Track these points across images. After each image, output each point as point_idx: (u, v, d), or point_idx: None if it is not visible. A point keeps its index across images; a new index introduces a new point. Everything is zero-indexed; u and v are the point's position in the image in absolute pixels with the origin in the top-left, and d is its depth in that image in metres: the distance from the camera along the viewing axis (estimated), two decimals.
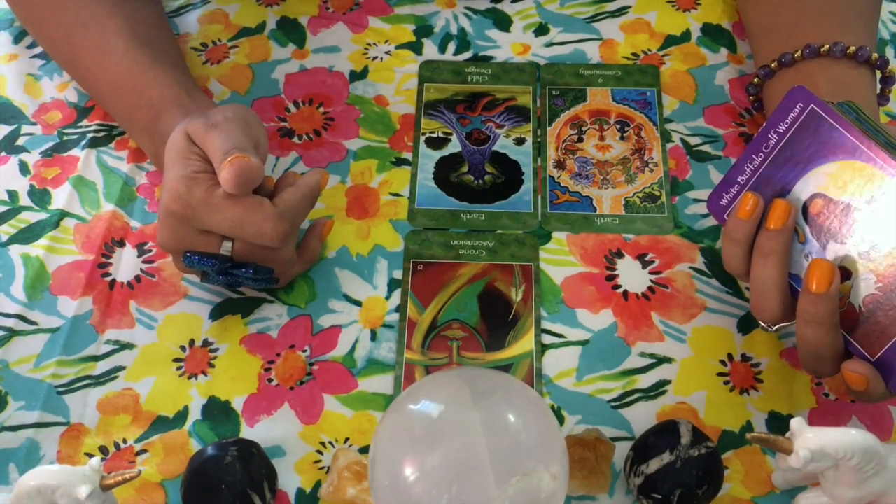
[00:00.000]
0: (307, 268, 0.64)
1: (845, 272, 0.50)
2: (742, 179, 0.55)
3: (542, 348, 0.61)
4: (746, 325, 0.61)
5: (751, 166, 0.54)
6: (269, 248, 0.58)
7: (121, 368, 0.60)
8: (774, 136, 0.53)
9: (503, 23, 0.78)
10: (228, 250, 0.57)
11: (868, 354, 0.50)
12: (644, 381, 0.59)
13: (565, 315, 0.62)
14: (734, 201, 0.56)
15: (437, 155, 0.70)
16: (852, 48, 0.61)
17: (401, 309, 0.62)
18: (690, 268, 0.64)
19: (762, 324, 0.55)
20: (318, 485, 0.56)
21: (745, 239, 0.53)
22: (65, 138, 0.72)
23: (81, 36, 0.68)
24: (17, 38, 0.78)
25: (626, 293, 0.63)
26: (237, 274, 0.58)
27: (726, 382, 0.59)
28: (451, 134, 0.71)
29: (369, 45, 0.76)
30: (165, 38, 0.71)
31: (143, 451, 0.57)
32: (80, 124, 0.72)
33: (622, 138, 0.70)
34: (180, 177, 0.56)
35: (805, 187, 0.52)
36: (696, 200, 0.67)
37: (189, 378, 0.60)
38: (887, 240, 0.49)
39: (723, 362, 0.60)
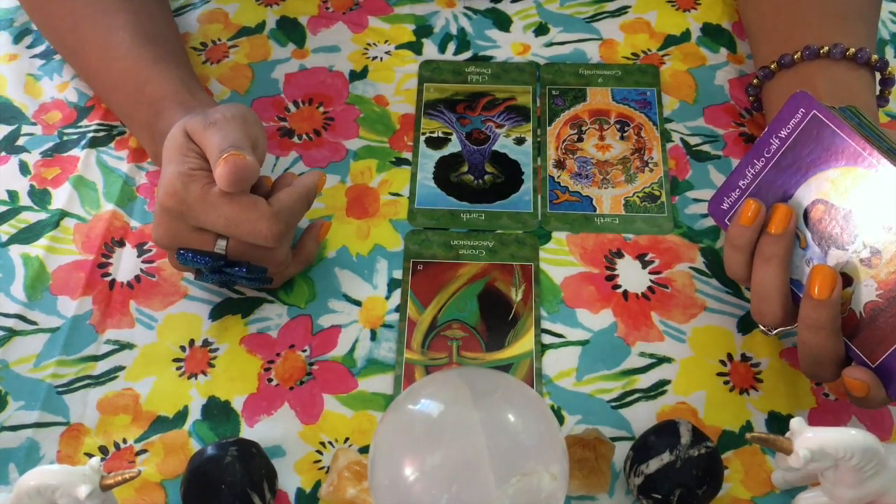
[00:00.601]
0: (302, 269, 0.64)
1: (846, 278, 0.50)
2: (743, 184, 0.55)
3: (542, 348, 0.61)
4: (746, 325, 0.61)
5: (752, 171, 0.54)
6: (263, 248, 0.58)
7: (121, 368, 0.60)
8: (776, 141, 0.53)
9: (503, 22, 0.78)
10: (223, 248, 0.57)
11: (868, 361, 0.50)
12: (644, 380, 0.59)
13: (565, 315, 0.62)
14: (735, 206, 0.56)
15: (436, 155, 0.70)
16: (852, 50, 0.61)
17: (401, 309, 0.62)
18: (690, 268, 0.64)
19: (762, 328, 0.55)
20: (318, 485, 0.56)
21: (747, 245, 0.53)
22: (65, 138, 0.72)
23: (88, 28, 0.68)
24: (17, 38, 0.78)
25: (625, 293, 0.63)
26: (230, 272, 0.58)
27: (726, 382, 0.59)
28: (450, 134, 0.71)
29: (369, 44, 0.76)
30: (171, 36, 0.71)
31: (143, 451, 0.57)
32: (80, 124, 0.72)
33: (622, 138, 0.70)
34: (177, 173, 0.56)
35: (807, 193, 0.52)
36: (696, 200, 0.67)
37: (189, 378, 0.60)
38: (888, 247, 0.49)
39: (722, 362, 0.60)
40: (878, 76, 0.64)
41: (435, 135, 0.71)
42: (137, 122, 0.66)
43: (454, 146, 0.70)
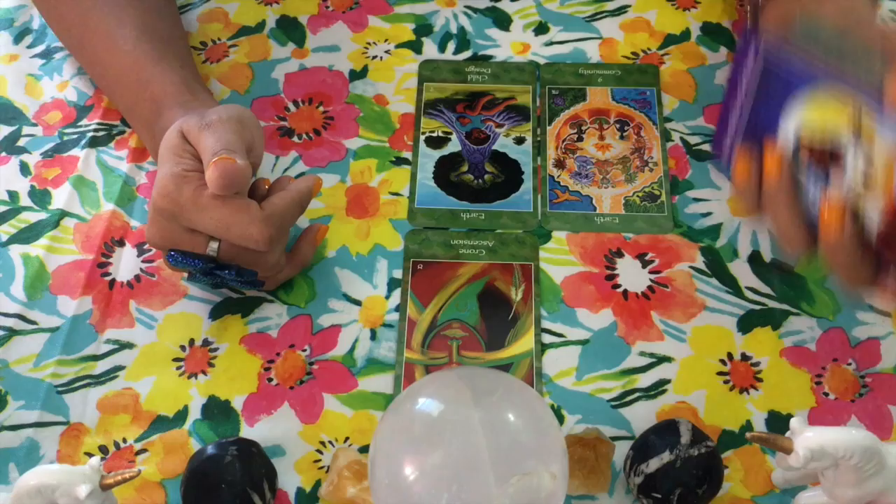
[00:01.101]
0: (297, 272, 0.64)
1: (853, 203, 0.51)
2: (734, 121, 0.56)
3: (542, 348, 0.61)
4: (746, 324, 0.61)
5: (736, 106, 0.55)
6: (255, 251, 0.58)
7: (121, 368, 0.60)
8: (744, 79, 0.54)
9: (503, 22, 0.78)
10: (214, 251, 0.57)
11: None
12: (644, 380, 0.59)
13: (565, 314, 0.62)
14: (733, 144, 0.56)
15: (436, 154, 0.70)
16: None
17: (401, 308, 0.62)
18: (690, 267, 0.64)
19: (788, 261, 0.56)
20: (318, 484, 0.56)
21: (754, 193, 0.54)
22: (65, 138, 0.72)
23: (96, 20, 0.68)
24: (18, 39, 0.78)
25: (625, 292, 0.63)
26: (220, 275, 0.58)
27: (726, 382, 0.59)
28: (450, 133, 0.71)
29: (369, 44, 0.76)
30: (177, 34, 0.71)
31: (143, 451, 0.57)
32: (79, 123, 0.72)
33: (622, 137, 0.70)
34: (170, 174, 0.56)
35: (792, 123, 0.52)
36: (696, 199, 0.67)
37: (189, 377, 0.60)
38: (880, 164, 0.49)
39: (723, 361, 0.60)
40: None
41: (435, 134, 0.71)
42: (138, 118, 0.66)
43: (454, 146, 0.70)
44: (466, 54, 0.76)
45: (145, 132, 0.66)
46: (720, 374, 0.59)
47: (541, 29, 0.77)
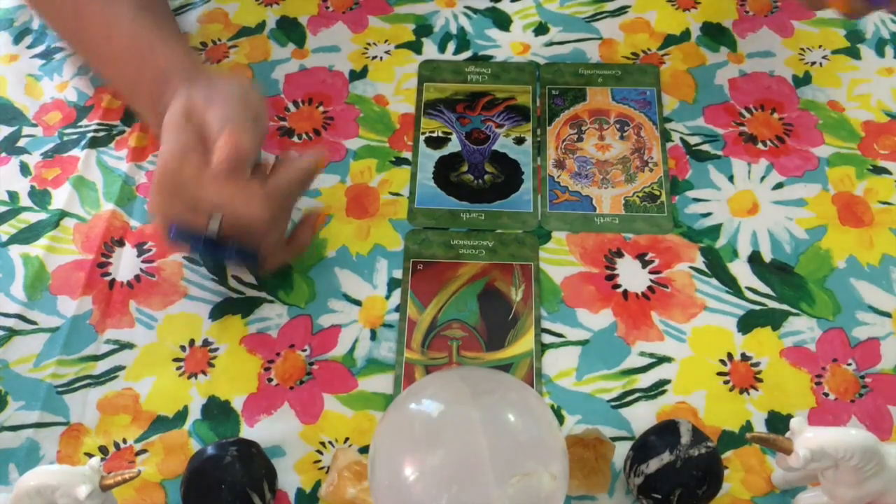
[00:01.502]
0: (295, 256, 0.63)
1: None
2: None
3: (542, 348, 0.61)
4: (746, 324, 0.61)
5: None
6: (256, 229, 0.58)
7: (121, 368, 0.60)
8: None
9: (503, 22, 0.78)
10: (216, 228, 0.57)
11: None
12: (644, 380, 0.59)
13: (565, 314, 0.62)
14: None
15: (436, 154, 0.70)
16: None
17: (401, 308, 0.62)
18: (690, 267, 0.64)
19: None
20: (317, 484, 0.56)
21: None
22: (65, 139, 0.72)
23: (90, 7, 0.67)
24: (17, 39, 0.78)
25: (625, 293, 0.63)
26: (221, 251, 0.58)
27: (726, 382, 0.59)
28: (450, 133, 0.71)
29: (369, 44, 0.76)
30: (170, 15, 0.71)
31: (143, 451, 0.57)
32: (79, 124, 0.72)
33: (622, 138, 0.70)
34: (173, 150, 0.56)
35: None
36: (696, 200, 0.67)
37: (189, 378, 0.60)
38: None
39: (722, 362, 0.60)
40: None
41: (435, 134, 0.71)
42: (142, 95, 0.65)
43: (454, 146, 0.70)
44: (466, 54, 0.76)
45: (149, 109, 0.64)
46: (720, 374, 0.59)
47: (541, 29, 0.77)
